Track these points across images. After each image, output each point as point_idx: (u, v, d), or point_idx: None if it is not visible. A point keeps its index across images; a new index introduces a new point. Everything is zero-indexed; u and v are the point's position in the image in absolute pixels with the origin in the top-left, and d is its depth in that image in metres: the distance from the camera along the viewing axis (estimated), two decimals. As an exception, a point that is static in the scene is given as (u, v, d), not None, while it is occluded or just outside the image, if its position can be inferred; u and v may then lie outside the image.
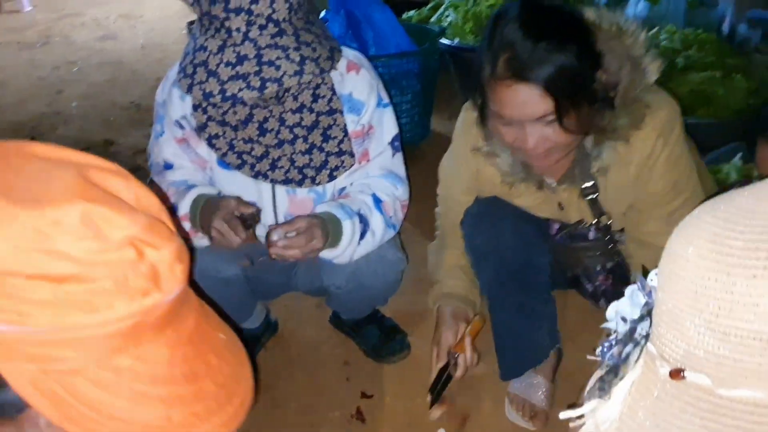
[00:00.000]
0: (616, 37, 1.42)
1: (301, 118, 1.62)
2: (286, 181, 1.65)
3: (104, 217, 0.61)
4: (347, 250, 1.60)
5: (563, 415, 0.78)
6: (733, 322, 0.58)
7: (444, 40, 3.15)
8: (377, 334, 2.01)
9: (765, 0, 3.44)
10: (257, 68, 1.44)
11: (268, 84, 1.43)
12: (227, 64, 1.46)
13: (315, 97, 1.61)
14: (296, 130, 1.62)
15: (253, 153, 1.64)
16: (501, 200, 1.67)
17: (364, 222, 1.61)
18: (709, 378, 0.60)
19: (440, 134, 3.05)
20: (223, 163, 1.67)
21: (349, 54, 1.66)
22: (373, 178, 1.69)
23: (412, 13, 3.78)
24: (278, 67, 1.44)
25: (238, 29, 1.45)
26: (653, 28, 3.16)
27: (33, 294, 0.59)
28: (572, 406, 0.80)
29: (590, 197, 1.58)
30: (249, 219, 1.54)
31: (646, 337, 0.70)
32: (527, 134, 1.40)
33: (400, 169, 1.73)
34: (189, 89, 1.48)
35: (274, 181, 1.66)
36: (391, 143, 1.70)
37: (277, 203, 1.70)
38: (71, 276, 0.60)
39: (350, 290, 1.76)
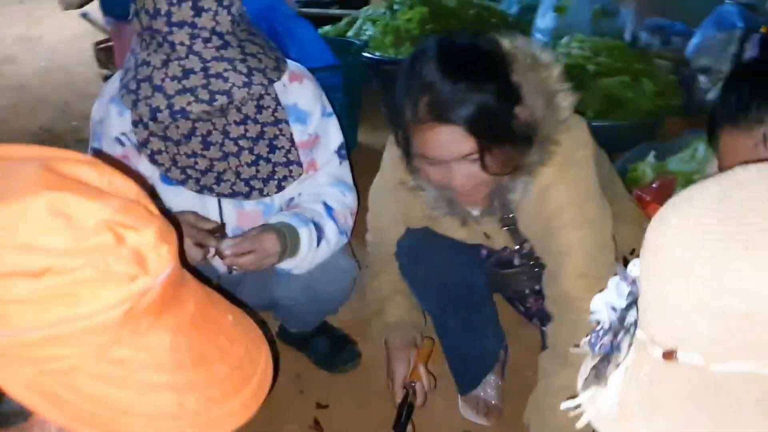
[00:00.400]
0: (532, 70, 1.40)
1: (246, 130, 1.61)
2: (233, 194, 1.64)
3: (73, 204, 0.59)
4: (306, 258, 1.60)
5: (564, 405, 0.81)
6: (721, 303, 0.62)
7: (366, 54, 3.20)
8: (327, 345, 2.01)
9: (662, 8, 3.68)
10: (205, 81, 1.43)
11: (217, 96, 1.42)
12: (173, 78, 1.44)
13: (259, 108, 1.61)
14: (241, 142, 1.61)
15: (197, 167, 1.62)
16: (432, 231, 1.64)
17: (319, 230, 1.62)
18: (701, 356, 0.64)
19: (367, 146, 3.09)
20: (166, 179, 1.64)
21: (291, 65, 1.66)
22: (322, 187, 1.69)
23: (327, 28, 3.81)
24: (226, 79, 1.43)
25: (181, 43, 1.43)
26: (562, 37, 3.32)
27: (9, 293, 0.57)
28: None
29: (510, 227, 1.58)
30: (217, 231, 1.52)
31: (635, 324, 0.74)
32: (453, 173, 1.39)
33: (348, 176, 1.75)
34: (134, 105, 1.45)
35: (220, 195, 1.64)
36: (338, 152, 1.72)
37: (224, 217, 1.68)
38: (47, 269, 0.58)
39: (304, 301, 1.75)
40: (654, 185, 2.32)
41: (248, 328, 0.73)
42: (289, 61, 1.66)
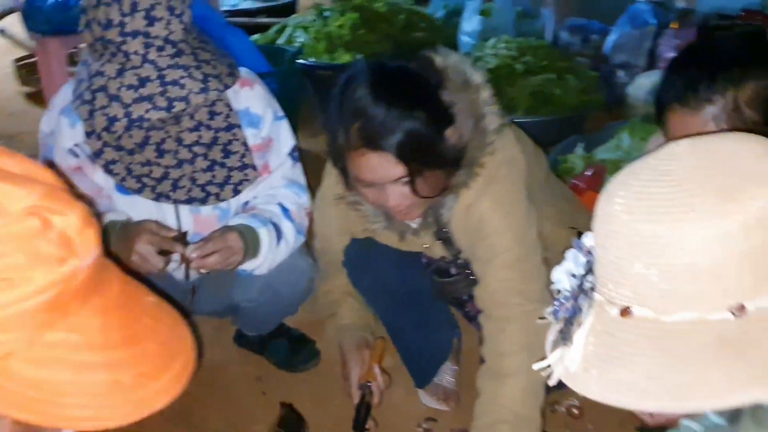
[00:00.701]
0: (463, 90, 1.45)
1: (200, 136, 1.63)
2: (189, 200, 1.66)
3: None
4: (267, 258, 1.64)
5: (536, 366, 0.89)
6: (667, 260, 0.71)
7: (300, 60, 3.24)
8: (286, 346, 2.04)
9: (580, 8, 3.86)
10: (161, 89, 1.45)
11: (175, 103, 1.45)
12: (129, 87, 1.46)
13: (212, 114, 1.63)
14: (195, 149, 1.63)
15: (152, 175, 1.63)
16: (376, 240, 1.70)
17: (278, 230, 1.66)
18: (652, 310, 0.73)
19: (306, 151, 3.12)
20: (121, 188, 1.65)
21: (241, 71, 1.70)
22: (277, 189, 1.73)
23: (256, 36, 3.82)
24: (183, 86, 1.46)
25: (135, 52, 1.45)
26: (488, 39, 3.45)
27: None
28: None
29: (445, 239, 1.66)
30: (179, 238, 1.54)
31: (592, 288, 0.82)
32: (387, 194, 1.44)
33: (301, 178, 1.79)
34: (90, 115, 1.46)
35: (176, 202, 1.66)
36: (290, 154, 1.76)
37: (181, 224, 1.70)
38: None
39: (264, 302, 1.79)
40: (587, 173, 2.45)
41: (168, 308, 0.75)
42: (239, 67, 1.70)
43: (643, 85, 3.15)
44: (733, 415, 0.97)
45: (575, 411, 1.85)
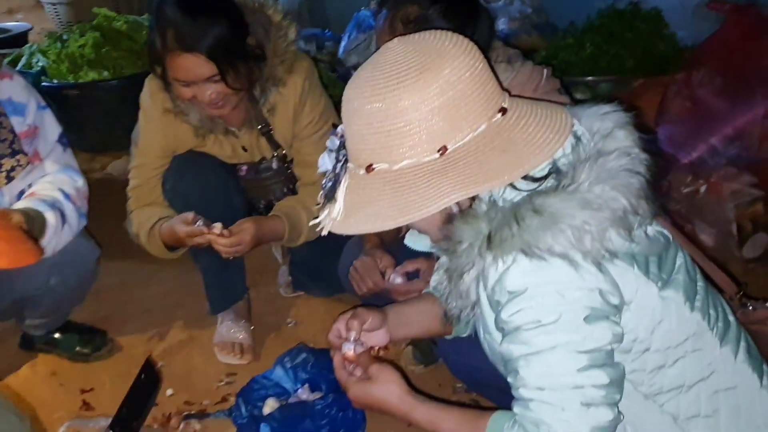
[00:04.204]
0: (259, 11, 1.86)
1: (-36, 128, 1.65)
2: (-39, 191, 1.66)
3: None
4: (52, 240, 1.68)
5: (311, 224, 1.12)
6: (389, 125, 0.98)
7: (45, 83, 3.21)
8: (77, 339, 2.07)
9: (311, 19, 4.22)
10: None
11: None
12: None
13: (-25, 106, 1.66)
14: (-39, 140, 1.64)
15: None
16: (199, 152, 1.97)
17: (61, 214, 1.71)
18: (386, 163, 0.99)
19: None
20: None
21: (-2, 65, 1.74)
22: (53, 175, 1.78)
23: (-11, 68, 3.68)
24: None
25: None
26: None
27: None
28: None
29: (266, 134, 1.96)
30: None
31: (346, 160, 1.07)
32: (202, 91, 1.76)
33: (74, 162, 1.85)
34: None
35: (-52, 194, 1.65)
36: (59, 140, 1.82)
37: (-46, 217, 1.68)
38: None
39: (52, 286, 1.81)
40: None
41: None
42: (-5, 63, 1.74)
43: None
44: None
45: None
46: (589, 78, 2.92)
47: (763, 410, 1.09)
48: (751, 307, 1.23)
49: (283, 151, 2.02)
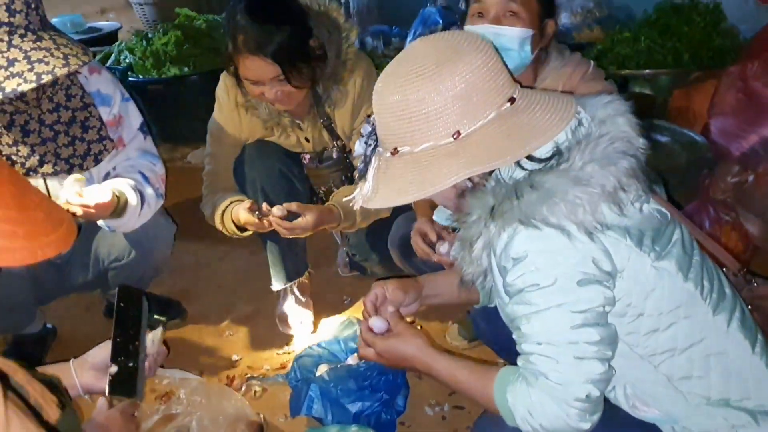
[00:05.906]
0: (324, 14, 2.05)
1: (59, 116, 1.88)
2: (56, 173, 1.90)
3: None
4: (132, 218, 1.90)
5: (345, 199, 1.28)
6: (411, 113, 1.11)
7: (131, 78, 3.49)
8: (155, 308, 2.29)
9: (379, 15, 4.39)
10: (29, 66, 1.69)
11: (43, 76, 1.70)
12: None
13: (68, 97, 1.89)
14: (56, 127, 1.88)
15: (20, 154, 1.86)
16: (266, 142, 2.19)
17: (141, 194, 1.93)
18: (409, 146, 1.13)
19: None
20: (-9, 168, 1.85)
21: (88, 60, 1.97)
22: (134, 159, 2.00)
23: (83, 65, 4.00)
24: (47, 63, 1.71)
25: (1, 39, 1.69)
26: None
27: None
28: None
29: (328, 127, 2.15)
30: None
31: (377, 145, 1.22)
32: (268, 89, 1.98)
33: (153, 149, 2.07)
34: None
35: (45, 175, 1.89)
36: (141, 129, 2.04)
37: (51, 196, 1.92)
38: None
39: (133, 259, 2.04)
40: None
41: (43, 194, 0.97)
42: (86, 57, 1.97)
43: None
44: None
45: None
46: (647, 71, 2.98)
47: (753, 374, 1.18)
48: (755, 284, 1.32)
49: (343, 143, 2.20)
